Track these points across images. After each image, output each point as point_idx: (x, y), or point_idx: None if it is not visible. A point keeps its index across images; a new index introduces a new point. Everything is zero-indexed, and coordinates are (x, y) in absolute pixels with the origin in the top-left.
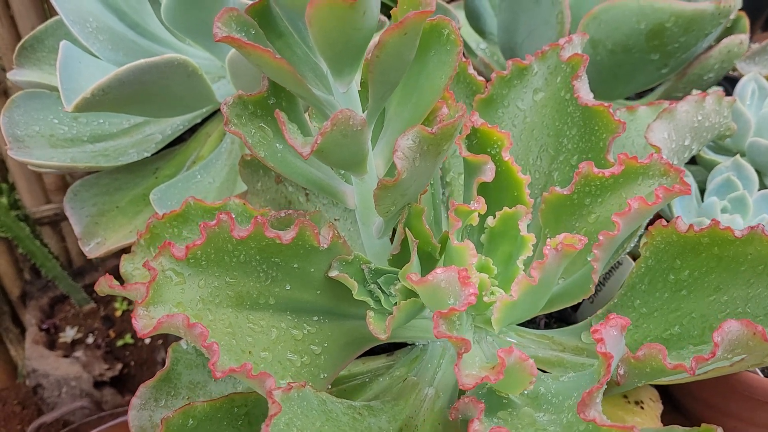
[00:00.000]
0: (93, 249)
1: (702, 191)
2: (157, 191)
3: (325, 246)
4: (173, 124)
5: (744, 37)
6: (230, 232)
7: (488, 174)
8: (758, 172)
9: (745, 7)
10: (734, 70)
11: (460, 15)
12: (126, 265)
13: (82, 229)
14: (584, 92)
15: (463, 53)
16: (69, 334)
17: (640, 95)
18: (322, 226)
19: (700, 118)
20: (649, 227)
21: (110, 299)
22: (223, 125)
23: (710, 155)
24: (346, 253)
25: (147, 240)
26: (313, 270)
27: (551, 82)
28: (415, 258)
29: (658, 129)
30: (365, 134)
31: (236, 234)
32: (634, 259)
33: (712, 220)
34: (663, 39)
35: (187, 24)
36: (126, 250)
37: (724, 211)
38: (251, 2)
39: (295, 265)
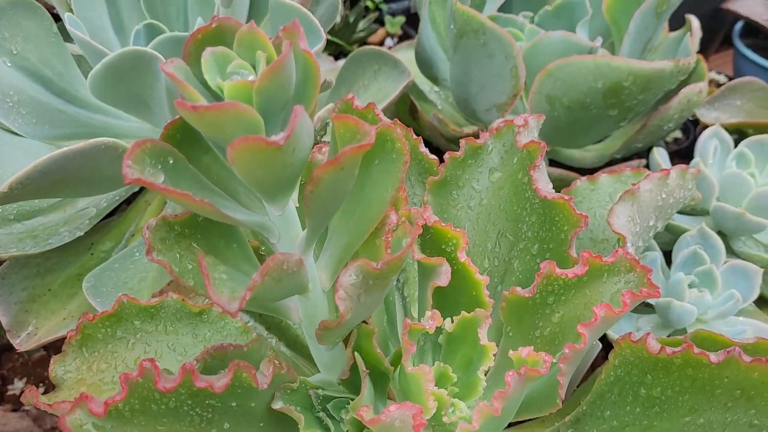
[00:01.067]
0: (24, 341)
1: (666, 255)
2: (91, 277)
3: (265, 386)
4: (108, 197)
5: (703, 85)
6: (155, 384)
7: (443, 278)
8: (723, 234)
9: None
10: (693, 115)
11: (403, 55)
12: (56, 368)
13: (10, 320)
14: (543, 183)
15: (414, 104)
16: (17, 386)
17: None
18: (262, 357)
19: (664, 196)
20: (618, 340)
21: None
22: (146, 254)
23: (675, 220)
24: (290, 380)
25: (78, 341)
26: (253, 405)
27: (507, 162)
28: (366, 388)
29: (621, 213)
30: (302, 272)
31: (162, 386)
32: None
33: (685, 341)
34: (621, 97)
35: (116, 97)
36: (60, 341)
37: (691, 285)
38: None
39: (233, 404)
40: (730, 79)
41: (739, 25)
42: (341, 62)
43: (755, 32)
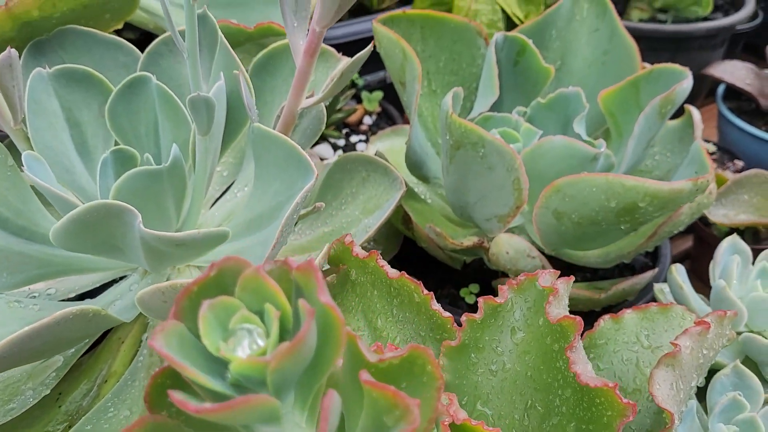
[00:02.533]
0: None
1: (700, 397)
2: None
3: None
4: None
5: (712, 186)
6: None
7: None
8: (753, 362)
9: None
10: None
11: (387, 144)
12: None
13: None
14: (581, 365)
15: (407, 215)
16: None
17: None
18: None
19: (704, 351)
20: None
21: None
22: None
23: None
24: None
25: None
26: None
27: (532, 321)
28: None
29: (664, 381)
30: None
31: None
32: None
33: None
34: (635, 215)
35: (83, 247)
36: None
37: None
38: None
39: None
40: (718, 147)
41: (722, 88)
42: (330, 160)
43: (738, 95)
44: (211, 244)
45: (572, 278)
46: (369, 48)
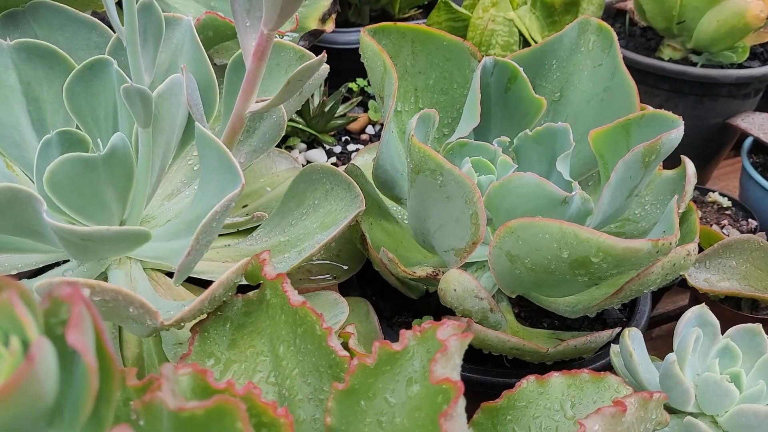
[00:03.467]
0: None
1: None
2: None
3: None
4: None
5: (692, 246)
6: None
7: None
8: None
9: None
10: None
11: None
12: None
13: None
14: None
15: (364, 235)
16: None
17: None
18: None
19: None
20: None
21: None
22: None
23: None
24: None
25: None
26: None
27: (428, 375)
28: None
29: None
30: None
31: None
32: None
33: None
34: (590, 269)
35: (2, 227)
36: None
37: None
38: None
39: None
40: (735, 203)
41: (749, 141)
42: (302, 166)
43: (766, 150)
44: (127, 242)
45: (470, 336)
46: (322, 57)
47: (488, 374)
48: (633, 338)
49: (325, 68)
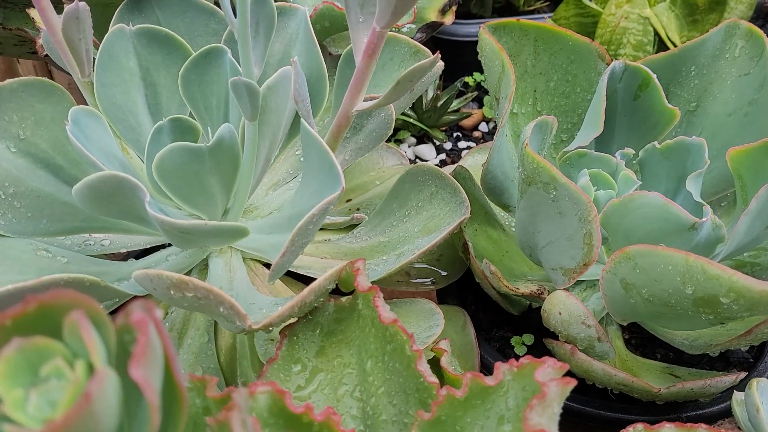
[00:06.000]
0: None
1: None
2: None
3: None
4: None
5: None
6: None
7: None
8: None
9: None
10: None
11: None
12: None
13: None
14: None
15: (466, 244)
16: None
17: None
18: None
19: None
20: None
21: None
22: None
23: None
24: None
25: None
26: None
27: (523, 416)
28: None
29: None
30: None
31: None
32: None
33: None
34: (716, 309)
35: (106, 212)
36: None
37: None
38: None
39: None
40: None
41: None
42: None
43: None
44: (224, 237)
45: (572, 382)
46: (435, 58)
47: (590, 405)
48: (762, 391)
49: (440, 66)
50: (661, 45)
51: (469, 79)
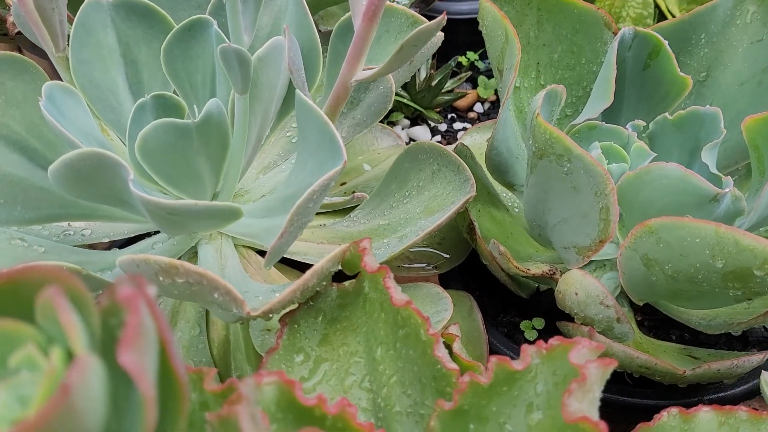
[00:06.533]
0: None
1: None
2: None
3: None
4: None
5: None
6: None
7: None
8: None
9: None
10: None
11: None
12: None
13: None
14: None
15: (472, 223)
16: None
17: None
18: None
19: None
20: None
21: None
22: None
23: None
24: None
25: None
26: None
27: (555, 404)
28: None
29: None
30: None
31: None
32: None
33: None
34: (748, 283)
35: (84, 195)
36: None
37: None
38: None
39: None
40: None
41: None
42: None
43: None
44: (217, 219)
45: (613, 363)
46: (441, 19)
47: (606, 390)
48: None
49: (440, 36)
50: (661, 18)
51: (462, 59)
